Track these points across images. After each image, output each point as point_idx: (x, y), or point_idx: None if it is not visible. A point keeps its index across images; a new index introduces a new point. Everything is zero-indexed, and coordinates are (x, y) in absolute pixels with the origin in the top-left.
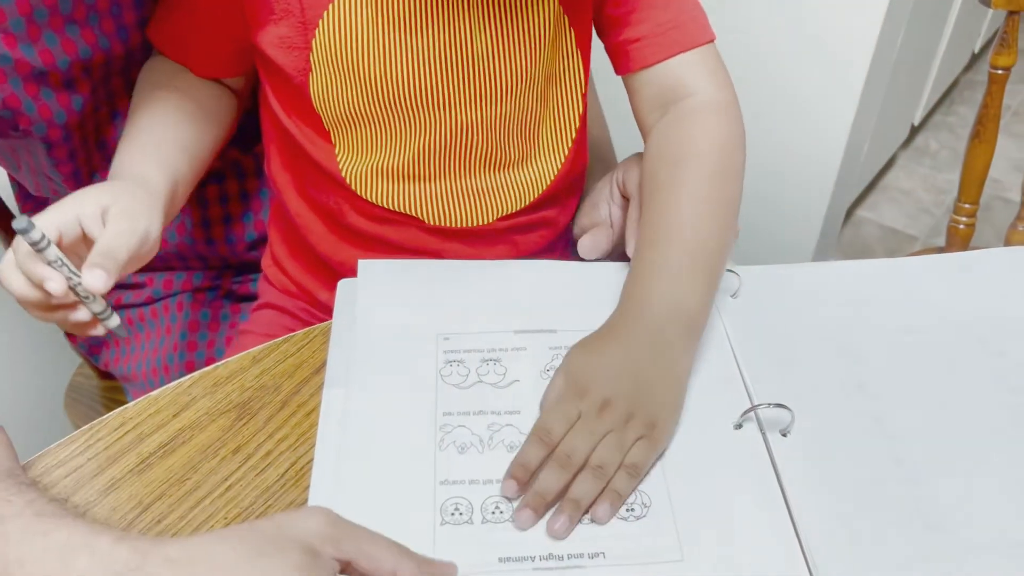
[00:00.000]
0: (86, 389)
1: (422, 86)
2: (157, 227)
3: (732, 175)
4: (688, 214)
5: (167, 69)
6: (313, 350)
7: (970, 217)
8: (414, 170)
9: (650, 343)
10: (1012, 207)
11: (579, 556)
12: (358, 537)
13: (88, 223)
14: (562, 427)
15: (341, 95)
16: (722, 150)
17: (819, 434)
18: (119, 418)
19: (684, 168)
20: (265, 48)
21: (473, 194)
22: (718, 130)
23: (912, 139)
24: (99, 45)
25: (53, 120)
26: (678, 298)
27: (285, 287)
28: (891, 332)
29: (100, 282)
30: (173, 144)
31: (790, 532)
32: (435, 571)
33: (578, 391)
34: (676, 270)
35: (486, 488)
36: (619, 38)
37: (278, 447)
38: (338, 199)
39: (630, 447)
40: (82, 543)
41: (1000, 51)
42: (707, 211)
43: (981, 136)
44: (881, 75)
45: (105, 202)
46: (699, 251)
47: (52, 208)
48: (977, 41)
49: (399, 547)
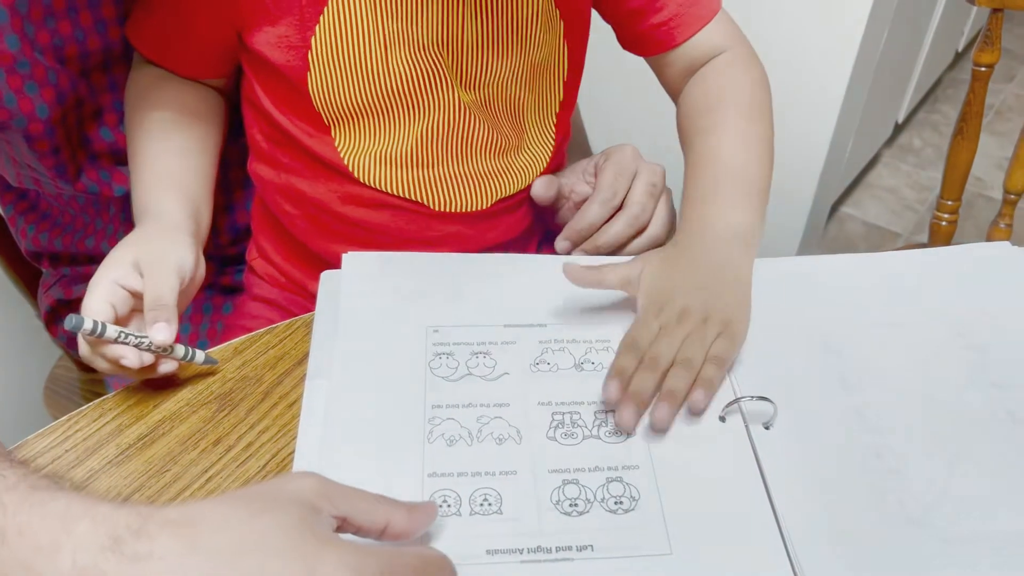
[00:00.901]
0: (66, 381)
1: (418, 74)
2: (189, 255)
3: (763, 114)
4: (729, 149)
5: (154, 84)
6: (295, 341)
7: (952, 214)
8: (416, 157)
9: (714, 258)
10: (994, 205)
11: (567, 549)
12: (350, 494)
13: (128, 282)
14: (647, 339)
15: (341, 90)
16: (752, 94)
17: (801, 427)
18: (98, 409)
19: (719, 112)
20: (261, 49)
21: (474, 179)
22: (744, 77)
23: (896, 137)
24: (74, 37)
25: (35, 114)
26: (732, 218)
27: (274, 278)
28: (873, 326)
29: (164, 334)
30: (181, 167)
31: (772, 524)
32: (422, 514)
33: (656, 308)
34: (727, 195)
35: (474, 480)
36: (645, 25)
37: (259, 439)
38: (334, 188)
39: (711, 343)
40: (82, 510)
41: (984, 48)
42: (745, 146)
43: (964, 133)
44: (865, 73)
45: (131, 257)
46: (744, 178)
47: (90, 290)
48: (961, 40)
49: (388, 499)
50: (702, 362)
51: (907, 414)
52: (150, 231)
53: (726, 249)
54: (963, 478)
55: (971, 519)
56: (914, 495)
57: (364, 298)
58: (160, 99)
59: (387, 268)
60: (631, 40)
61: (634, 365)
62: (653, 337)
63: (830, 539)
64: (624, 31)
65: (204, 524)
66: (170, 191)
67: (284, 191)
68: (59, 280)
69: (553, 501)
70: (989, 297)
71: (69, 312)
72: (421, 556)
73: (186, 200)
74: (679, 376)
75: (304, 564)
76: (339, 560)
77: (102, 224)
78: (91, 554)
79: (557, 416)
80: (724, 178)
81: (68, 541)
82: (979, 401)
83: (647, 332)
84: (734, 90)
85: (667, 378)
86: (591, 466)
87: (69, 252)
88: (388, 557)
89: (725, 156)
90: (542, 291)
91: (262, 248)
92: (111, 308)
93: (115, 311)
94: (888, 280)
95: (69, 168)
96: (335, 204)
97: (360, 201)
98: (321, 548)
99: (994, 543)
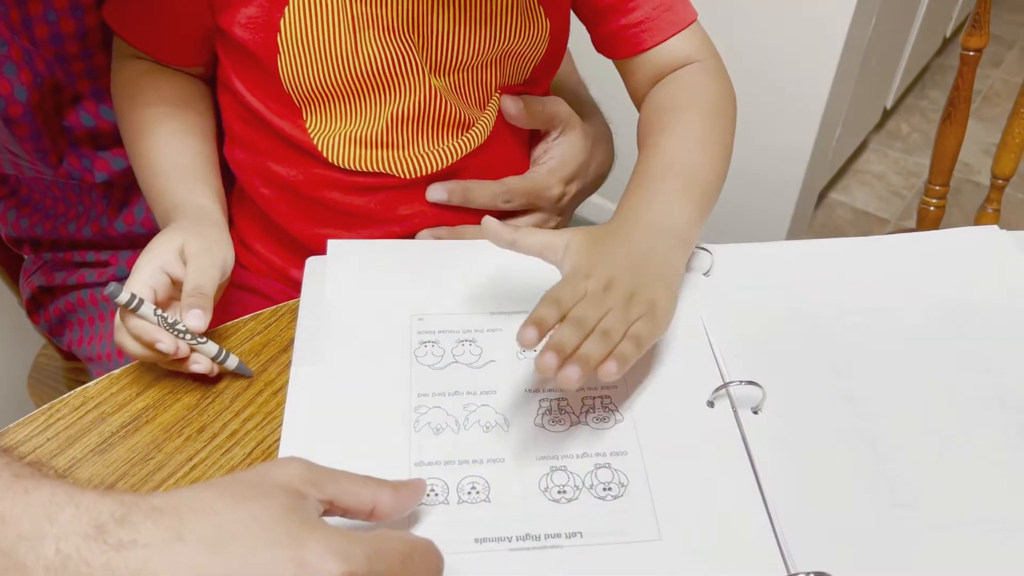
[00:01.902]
0: (49, 370)
1: (388, 58)
2: (232, 254)
3: (725, 122)
4: (682, 147)
5: (140, 79)
6: (280, 328)
7: (940, 199)
8: (387, 138)
9: (646, 245)
10: (981, 190)
11: (556, 536)
12: (336, 477)
13: (171, 268)
14: (571, 299)
15: (311, 72)
16: (715, 101)
17: (790, 411)
18: (80, 397)
19: (679, 113)
20: (232, 30)
21: (443, 153)
22: (711, 85)
23: (884, 123)
24: (45, 18)
25: (13, 96)
26: (671, 215)
27: (255, 266)
28: (862, 311)
29: (199, 320)
30: (202, 163)
31: (760, 508)
32: (409, 492)
33: (584, 274)
34: (670, 191)
35: (462, 468)
36: (615, 25)
37: (244, 426)
38: (306, 170)
39: (634, 321)
40: (66, 498)
41: (972, 32)
42: (700, 147)
43: (952, 118)
44: (853, 59)
45: (178, 244)
46: (691, 177)
47: (135, 271)
48: (949, 25)
49: (374, 479)
50: (621, 337)
51: (896, 398)
52: (197, 224)
53: (659, 240)
54: (952, 463)
55: (960, 504)
56: (903, 479)
57: (349, 286)
58: (151, 94)
59: (372, 256)
60: (601, 40)
61: (554, 319)
62: (577, 300)
63: (819, 523)
64: (596, 29)
65: (190, 511)
66: (198, 184)
67: (260, 174)
68: (41, 267)
69: (541, 488)
70: (977, 281)
71: (51, 299)
72: (407, 541)
73: (215, 194)
74: (596, 345)
75: (291, 551)
76: (326, 546)
77: (84, 209)
78: (74, 542)
79: (544, 403)
80: (669, 174)
81: (51, 529)
82: (968, 386)
83: (572, 293)
84: (698, 95)
85: (584, 343)
86: (579, 452)
87: (51, 238)
88: (375, 542)
89: (675, 153)
90: (528, 278)
91: (242, 237)
92: (152, 292)
93: (156, 296)
94: (877, 265)
95: (50, 154)
96: (309, 186)
97: (333, 182)
98: (308, 534)
99: (982, 528)
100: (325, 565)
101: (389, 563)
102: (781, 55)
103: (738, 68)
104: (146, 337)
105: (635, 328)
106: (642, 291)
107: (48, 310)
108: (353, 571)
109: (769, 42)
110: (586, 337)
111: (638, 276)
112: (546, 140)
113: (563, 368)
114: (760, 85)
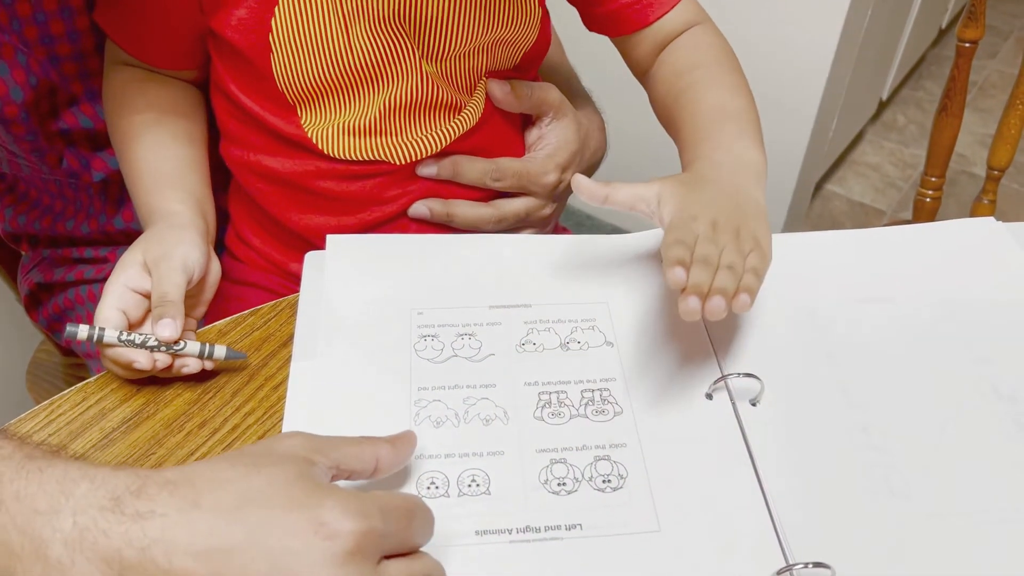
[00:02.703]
0: (48, 366)
1: (381, 48)
2: (195, 251)
3: (738, 71)
4: (722, 96)
5: (130, 86)
6: (280, 323)
7: (936, 191)
8: (379, 126)
9: (733, 183)
10: (977, 181)
11: (556, 528)
12: (337, 443)
13: (136, 284)
14: (691, 240)
15: (304, 70)
16: (727, 55)
17: (788, 403)
18: (80, 393)
19: (700, 70)
20: (224, 31)
21: (434, 137)
22: (717, 43)
23: (880, 114)
24: (34, 19)
25: (9, 96)
26: (742, 152)
27: (254, 261)
28: (859, 302)
29: (169, 330)
30: (177, 165)
31: (759, 499)
32: (405, 444)
33: (689, 217)
34: (732, 132)
35: (462, 461)
36: (614, 5)
37: (245, 421)
38: (301, 162)
39: (747, 254)
40: (80, 474)
41: (968, 23)
42: (735, 92)
43: (948, 110)
44: (850, 50)
45: (139, 257)
46: (743, 118)
47: (102, 297)
48: (944, 17)
49: (370, 438)
50: (742, 270)
51: (892, 389)
52: (158, 231)
53: (742, 177)
54: (947, 453)
55: (954, 493)
56: (899, 469)
57: (348, 281)
58: (140, 101)
59: (371, 250)
60: (599, 19)
61: (688, 258)
62: (695, 240)
63: (816, 513)
64: (593, 10)
65: (203, 482)
66: (173, 191)
67: (254, 169)
68: (39, 263)
69: (541, 480)
70: (973, 273)
71: (50, 295)
72: (409, 499)
73: (190, 198)
74: (727, 277)
75: (309, 512)
76: (343, 505)
77: (82, 205)
78: (91, 515)
79: (544, 396)
80: (725, 119)
81: (67, 503)
82: (963, 377)
83: (689, 233)
84: (711, 53)
85: (716, 278)
86: (578, 445)
87: (49, 234)
88: (385, 499)
89: (718, 101)
90: (527, 272)
91: (240, 232)
92: (122, 314)
93: (126, 316)
94: (874, 257)
95: (48, 153)
96: (303, 177)
97: (327, 172)
98: (324, 496)
99: (977, 517)
100: (343, 525)
101: (397, 519)
102: (778, 46)
103: None
104: (122, 360)
105: (750, 261)
106: (745, 227)
107: (47, 306)
108: (371, 527)
109: (766, 33)
110: (715, 274)
111: (738, 213)
112: (538, 126)
113: (708, 302)
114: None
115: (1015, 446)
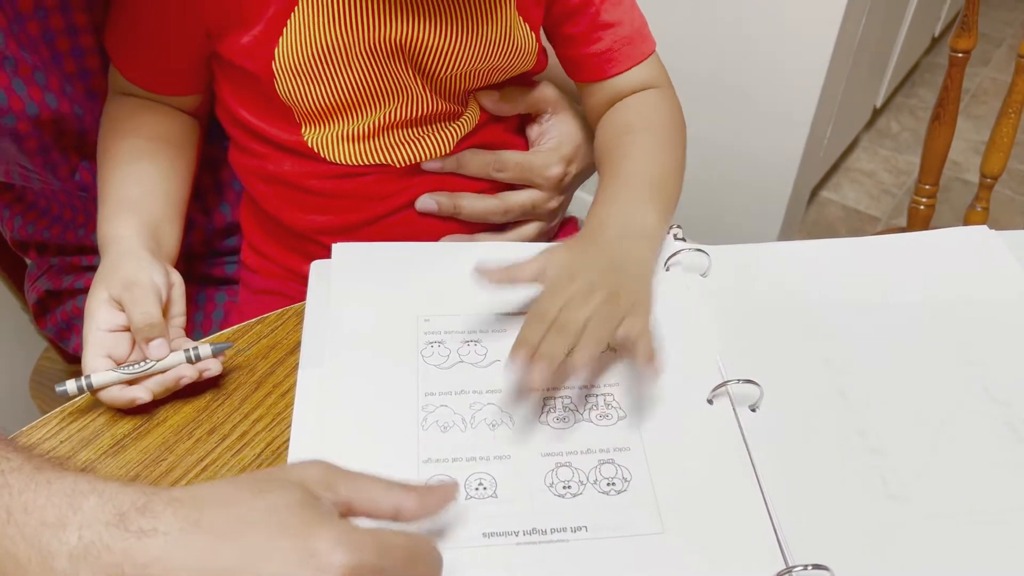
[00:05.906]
0: (52, 373)
1: (381, 76)
2: (153, 271)
3: (678, 143)
4: (641, 162)
5: (127, 114)
6: (287, 331)
7: (930, 198)
8: (379, 133)
9: (620, 249)
10: (970, 188)
11: (562, 530)
12: (355, 480)
13: (112, 323)
14: (555, 308)
15: (308, 95)
16: (670, 124)
17: (787, 408)
18: (91, 400)
19: (636, 134)
20: (231, 56)
21: (433, 139)
22: (665, 111)
23: (874, 121)
24: (44, 38)
25: (25, 112)
26: (640, 217)
27: (268, 270)
28: (854, 308)
29: (163, 350)
30: (141, 193)
31: (759, 501)
32: (436, 497)
33: (567, 278)
34: (636, 196)
35: (469, 465)
36: (577, 52)
37: (254, 427)
38: (301, 168)
39: (623, 317)
40: (89, 487)
41: (960, 34)
42: (658, 162)
43: (941, 118)
44: (844, 58)
45: (103, 296)
46: (653, 186)
47: (85, 346)
48: (938, 25)
49: (398, 484)
50: (608, 333)
51: (889, 394)
52: (110, 263)
53: (632, 243)
54: (943, 455)
55: (951, 495)
56: (896, 472)
57: (355, 288)
58: (130, 128)
59: (377, 258)
60: (564, 60)
61: (542, 333)
62: (560, 307)
63: (815, 516)
64: (561, 51)
65: (208, 503)
66: (124, 217)
67: (257, 172)
68: (47, 271)
69: (547, 484)
70: (967, 280)
71: (58, 303)
72: (413, 539)
73: (140, 223)
74: (589, 350)
75: (302, 541)
76: (336, 537)
77: (91, 215)
78: (97, 529)
79: (549, 401)
80: (634, 182)
81: (75, 517)
82: (958, 381)
83: (555, 302)
84: (653, 118)
85: (575, 350)
86: (583, 449)
87: (58, 242)
88: (386, 536)
89: (637, 166)
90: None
91: (254, 243)
92: (107, 360)
93: (112, 358)
94: (870, 264)
95: (61, 166)
96: (304, 180)
97: (327, 173)
98: (318, 526)
99: (973, 518)
100: (334, 557)
101: (395, 559)
102: (772, 54)
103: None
104: (123, 401)
105: (625, 326)
106: (624, 290)
107: (55, 314)
108: (362, 562)
109: (760, 42)
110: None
111: (619, 275)
112: (539, 122)
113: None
114: (751, 84)
115: (1008, 448)
